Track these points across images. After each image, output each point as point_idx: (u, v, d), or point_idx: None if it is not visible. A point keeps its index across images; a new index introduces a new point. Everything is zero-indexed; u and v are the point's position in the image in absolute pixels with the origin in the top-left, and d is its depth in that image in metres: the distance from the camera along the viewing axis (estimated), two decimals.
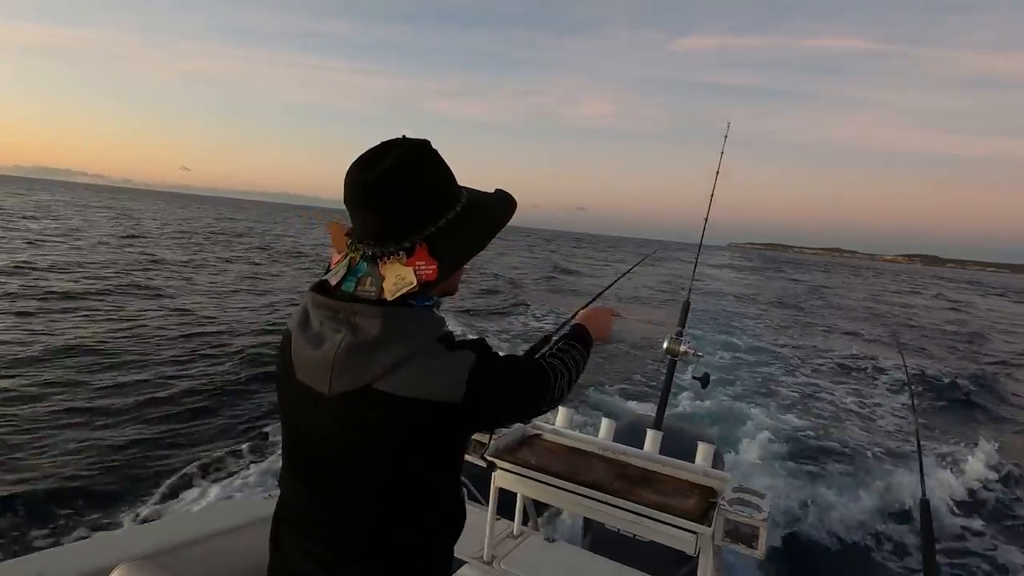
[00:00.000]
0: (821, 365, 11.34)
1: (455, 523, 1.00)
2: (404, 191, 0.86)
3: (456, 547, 1.79)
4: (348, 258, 0.90)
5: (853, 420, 7.82)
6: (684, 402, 7.30)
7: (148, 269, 15.76)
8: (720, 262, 55.53)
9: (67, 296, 10.77)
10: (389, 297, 0.86)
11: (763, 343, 12.95)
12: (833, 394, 9.12)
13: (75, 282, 12.33)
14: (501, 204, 1.00)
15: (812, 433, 6.89)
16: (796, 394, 8.89)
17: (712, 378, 2.26)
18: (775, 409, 7.75)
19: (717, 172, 2.70)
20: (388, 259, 0.86)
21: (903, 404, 8.55)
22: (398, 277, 0.86)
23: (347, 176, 0.88)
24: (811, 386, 9.55)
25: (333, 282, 0.89)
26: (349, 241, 0.91)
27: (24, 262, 14.06)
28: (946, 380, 10.24)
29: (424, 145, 0.89)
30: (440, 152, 0.92)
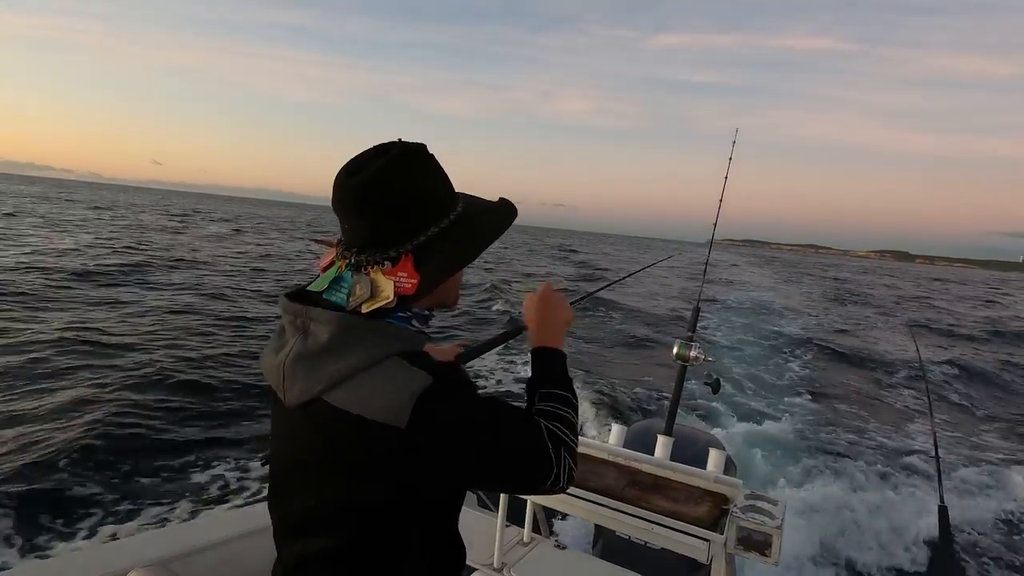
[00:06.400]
0: (837, 362, 11.22)
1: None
2: (391, 198, 0.80)
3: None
4: (336, 267, 0.84)
5: (869, 423, 7.73)
6: (696, 407, 7.25)
7: None
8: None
9: None
10: (351, 307, 0.80)
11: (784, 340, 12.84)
12: (849, 397, 9.01)
13: None
14: (500, 212, 0.92)
15: (827, 437, 6.80)
16: (810, 396, 8.79)
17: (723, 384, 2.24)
18: (789, 414, 7.67)
19: (726, 177, 2.70)
20: (372, 268, 0.82)
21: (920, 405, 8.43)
22: (375, 287, 0.80)
23: (335, 179, 0.82)
24: (826, 387, 9.45)
25: (317, 290, 0.84)
26: (337, 250, 0.87)
27: None
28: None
29: (418, 149, 0.84)
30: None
